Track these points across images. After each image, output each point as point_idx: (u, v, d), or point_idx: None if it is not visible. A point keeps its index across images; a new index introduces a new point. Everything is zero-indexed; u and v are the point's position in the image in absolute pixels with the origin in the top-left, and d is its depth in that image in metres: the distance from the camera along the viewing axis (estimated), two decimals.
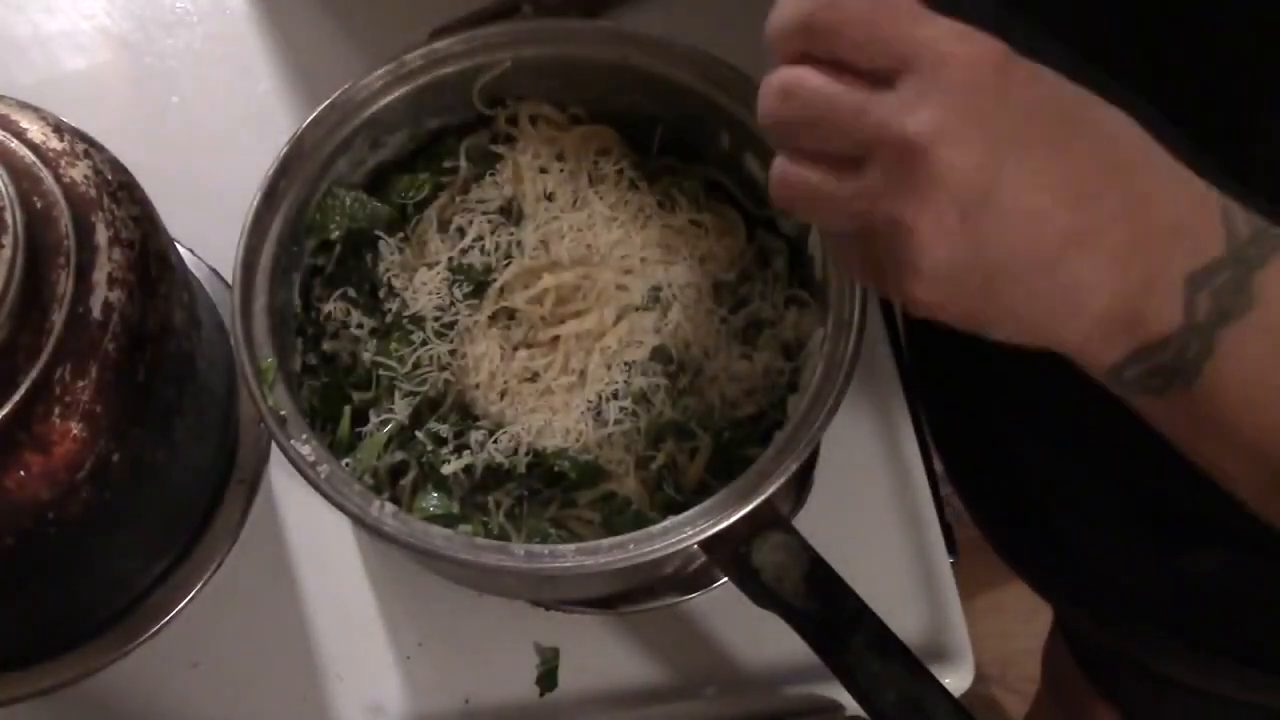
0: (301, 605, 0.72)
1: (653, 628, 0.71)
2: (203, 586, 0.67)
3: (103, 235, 0.55)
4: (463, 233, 0.67)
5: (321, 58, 0.84)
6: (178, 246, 0.64)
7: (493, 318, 0.65)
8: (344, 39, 0.85)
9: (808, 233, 0.65)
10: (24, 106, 0.59)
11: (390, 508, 0.57)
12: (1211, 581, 0.68)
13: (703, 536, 0.56)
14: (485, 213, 0.67)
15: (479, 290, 0.65)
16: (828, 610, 0.59)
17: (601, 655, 0.71)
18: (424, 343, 0.64)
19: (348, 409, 0.64)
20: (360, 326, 0.66)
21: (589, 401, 0.62)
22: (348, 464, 0.61)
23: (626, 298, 0.64)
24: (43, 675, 0.65)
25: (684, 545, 0.56)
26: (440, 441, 0.62)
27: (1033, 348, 0.44)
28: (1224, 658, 0.72)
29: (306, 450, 0.58)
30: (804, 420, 0.59)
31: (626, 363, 0.63)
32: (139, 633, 0.66)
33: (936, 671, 0.59)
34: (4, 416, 0.51)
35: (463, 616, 0.71)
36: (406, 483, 0.63)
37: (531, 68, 0.68)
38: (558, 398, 0.62)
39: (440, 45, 0.67)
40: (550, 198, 0.67)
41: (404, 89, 0.66)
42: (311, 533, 0.73)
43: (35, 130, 0.58)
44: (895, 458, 0.75)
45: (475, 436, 0.62)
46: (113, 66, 0.85)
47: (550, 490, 0.63)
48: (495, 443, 0.62)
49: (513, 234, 0.66)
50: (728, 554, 0.58)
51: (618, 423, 0.62)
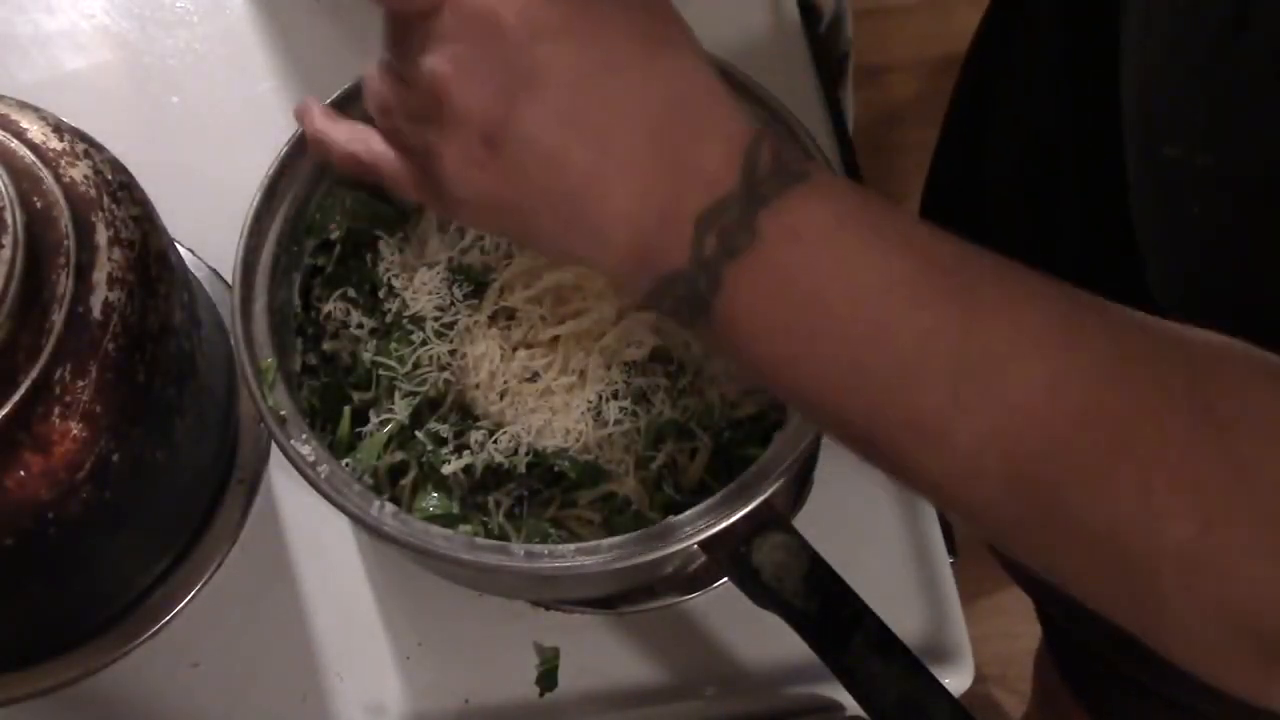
0: (301, 605, 0.72)
1: (653, 628, 0.71)
2: (203, 586, 0.67)
3: (103, 235, 0.55)
4: (463, 233, 0.67)
5: (321, 58, 0.84)
6: (178, 246, 0.64)
7: (492, 318, 0.65)
8: (344, 39, 0.85)
9: None
10: (24, 106, 0.59)
11: (390, 508, 0.57)
12: None
13: (703, 536, 0.56)
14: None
15: (479, 290, 0.65)
16: (828, 610, 0.59)
17: (601, 655, 0.71)
18: (424, 343, 0.64)
19: (348, 409, 0.64)
20: (360, 326, 0.66)
21: (589, 401, 0.62)
22: (348, 464, 0.61)
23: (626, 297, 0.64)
24: (43, 675, 0.65)
25: (684, 545, 0.56)
26: (440, 441, 0.62)
27: None
28: None
29: (306, 450, 0.58)
30: (804, 420, 0.59)
31: (626, 362, 0.63)
32: (139, 633, 0.66)
33: (936, 671, 0.59)
34: (4, 416, 0.51)
35: (463, 616, 0.71)
36: (406, 483, 0.63)
37: None
38: (558, 398, 0.62)
39: None
40: None
41: None
42: (311, 533, 0.73)
43: (35, 130, 0.58)
44: None
45: (475, 436, 0.62)
46: (113, 66, 0.85)
47: (550, 490, 0.63)
48: (495, 443, 0.62)
49: None
50: (728, 554, 0.58)
51: (618, 423, 0.62)
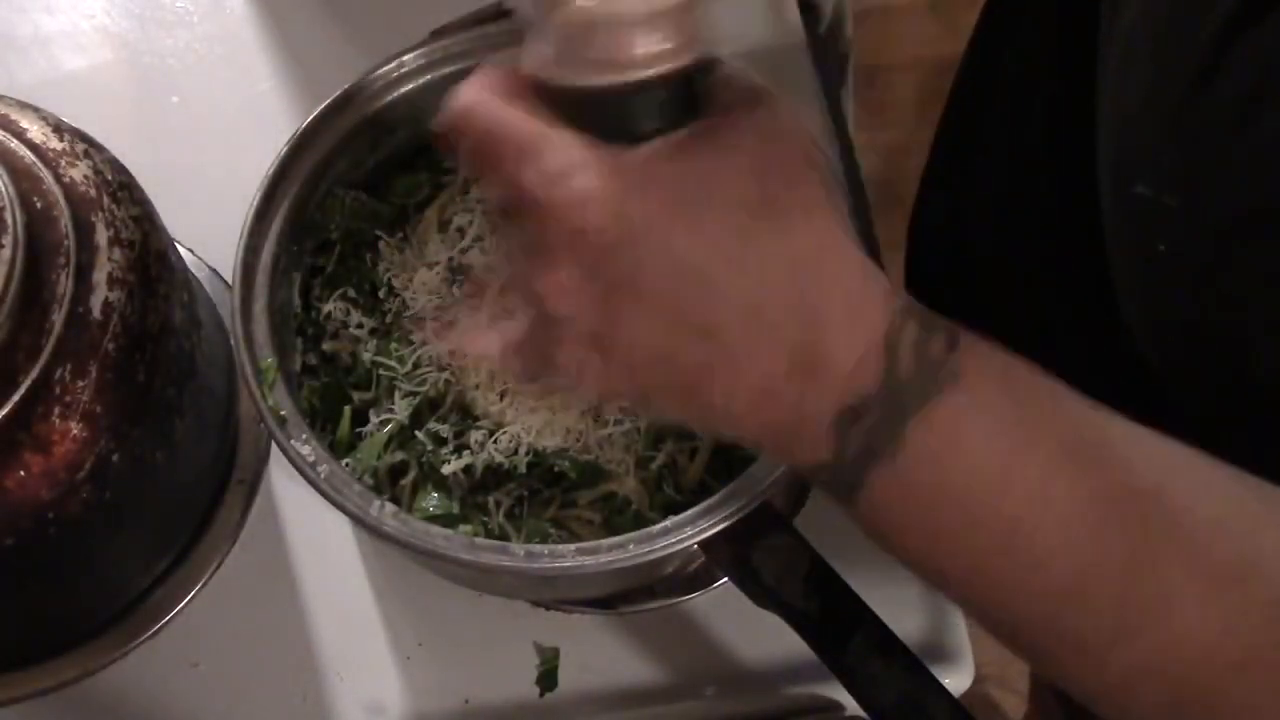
0: (301, 605, 0.72)
1: (653, 628, 0.71)
2: (203, 586, 0.67)
3: (103, 235, 0.55)
4: (463, 232, 0.67)
5: (321, 58, 0.84)
6: (178, 246, 0.64)
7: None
8: (344, 39, 0.85)
9: None
10: (24, 106, 0.59)
11: (390, 508, 0.57)
12: None
13: (703, 536, 0.56)
14: (485, 212, 0.67)
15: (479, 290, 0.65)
16: (828, 610, 0.59)
17: (601, 655, 0.71)
18: (424, 342, 0.64)
19: (348, 409, 0.64)
20: (360, 326, 0.66)
21: (589, 401, 0.62)
22: (348, 464, 0.61)
23: None
24: (43, 675, 0.65)
25: (684, 545, 0.56)
26: (440, 441, 0.62)
27: None
28: None
29: (306, 450, 0.58)
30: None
31: None
32: (139, 633, 0.66)
33: (936, 671, 0.59)
34: (4, 416, 0.51)
35: (463, 616, 0.71)
36: (406, 483, 0.63)
37: None
38: (557, 397, 0.62)
39: (440, 45, 0.67)
40: None
41: (404, 89, 0.66)
42: (311, 533, 0.73)
43: (35, 130, 0.58)
44: None
45: (475, 436, 0.62)
46: (113, 66, 0.85)
47: (550, 490, 0.63)
48: (495, 443, 0.62)
49: None
50: (728, 554, 0.58)
51: (617, 423, 0.62)
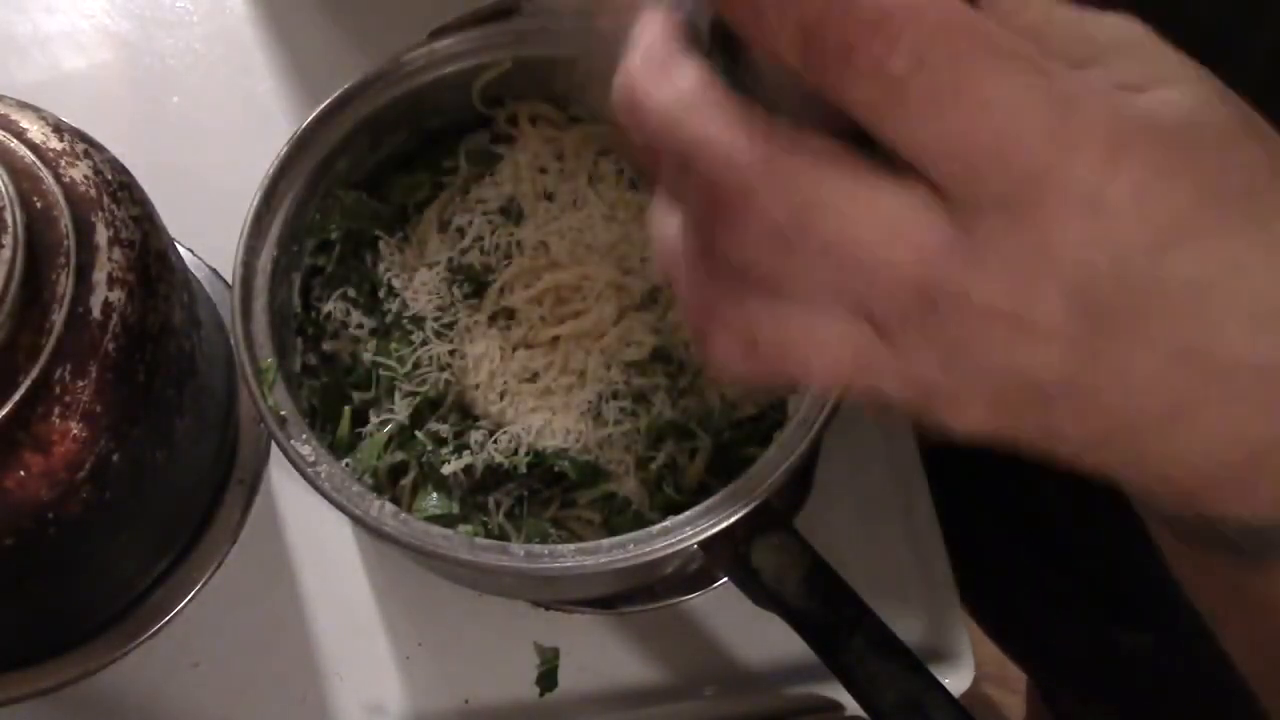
0: (301, 605, 0.72)
1: (653, 628, 0.71)
2: (203, 586, 0.67)
3: (103, 235, 0.55)
4: (462, 233, 0.67)
5: (321, 58, 0.84)
6: (178, 246, 0.64)
7: (492, 318, 0.65)
8: (344, 39, 0.85)
9: None
10: (24, 106, 0.59)
11: (390, 508, 0.57)
12: (1146, 661, 0.70)
13: (703, 536, 0.56)
14: (485, 213, 0.67)
15: (479, 290, 0.65)
16: (828, 610, 0.59)
17: (601, 655, 0.71)
18: (424, 343, 0.64)
19: (348, 409, 0.64)
20: (360, 326, 0.66)
21: (589, 401, 0.62)
22: (348, 464, 0.61)
23: (626, 297, 0.64)
24: (43, 675, 0.65)
25: (684, 545, 0.56)
26: (440, 441, 0.62)
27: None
28: None
29: (306, 450, 0.58)
30: (804, 420, 0.59)
31: (626, 363, 0.63)
32: (139, 633, 0.66)
33: (936, 671, 0.59)
34: (4, 416, 0.51)
35: (463, 616, 0.71)
36: (406, 483, 0.63)
37: (531, 68, 0.68)
38: (557, 398, 0.62)
39: (440, 45, 0.67)
40: (550, 197, 0.67)
41: (404, 89, 0.66)
42: (311, 533, 0.73)
43: (35, 130, 0.58)
44: (895, 458, 0.75)
45: (475, 436, 0.62)
46: (113, 66, 0.85)
47: (550, 490, 0.63)
48: (495, 443, 0.62)
49: (512, 234, 0.66)
50: (728, 554, 0.58)
51: (617, 423, 0.62)
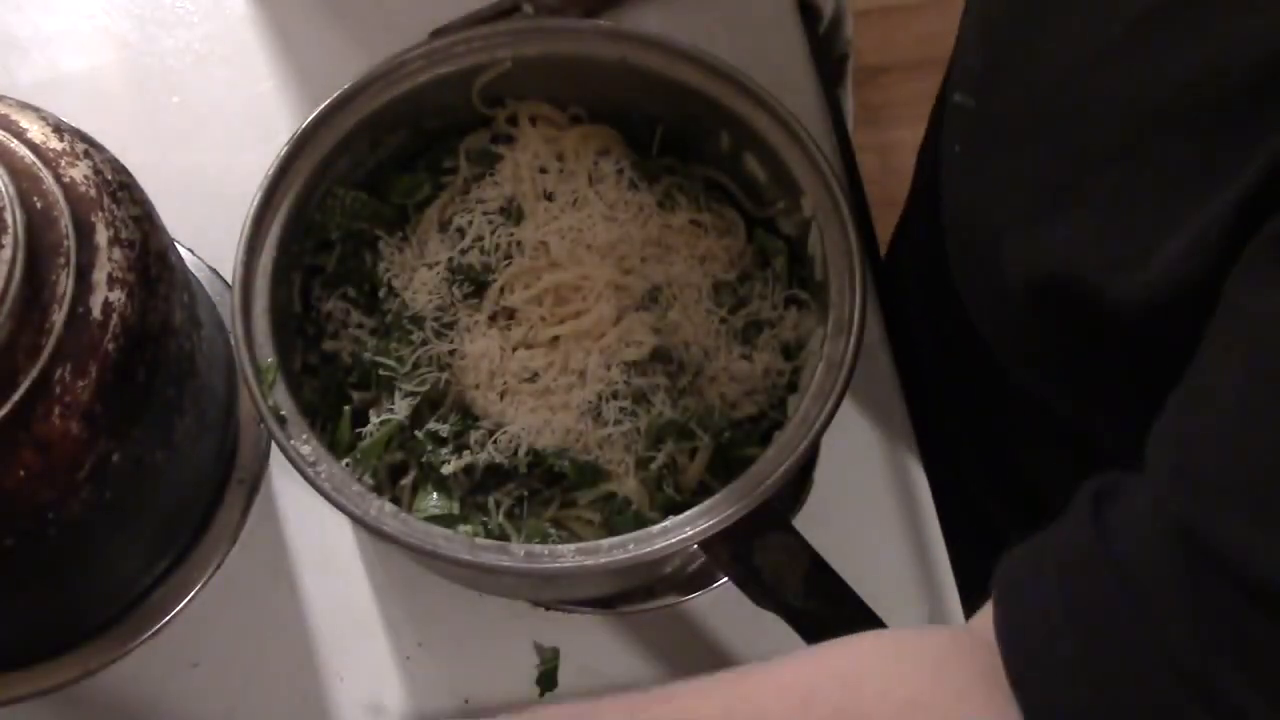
0: (301, 605, 0.72)
1: (653, 628, 0.71)
2: (203, 586, 0.67)
3: (103, 235, 0.55)
4: (463, 233, 0.67)
5: (321, 58, 0.84)
6: (178, 246, 0.64)
7: (492, 318, 0.65)
8: (344, 39, 0.85)
9: (807, 233, 0.66)
10: (24, 106, 0.59)
11: (390, 508, 0.57)
12: None
13: (703, 536, 0.56)
14: (485, 213, 0.67)
15: (479, 290, 0.65)
16: (828, 610, 0.59)
17: (601, 655, 0.71)
18: (424, 342, 0.64)
19: (348, 409, 0.64)
20: (360, 326, 0.66)
21: (589, 401, 0.62)
22: (348, 464, 0.61)
23: (626, 297, 0.64)
24: (43, 675, 0.65)
25: (684, 545, 0.56)
26: (440, 441, 0.62)
27: None
28: None
29: (306, 450, 0.58)
30: (804, 420, 0.59)
31: (626, 363, 0.63)
32: (139, 633, 0.66)
33: None
34: (4, 416, 0.51)
35: (463, 616, 0.71)
36: (406, 483, 0.63)
37: (531, 68, 0.68)
38: (557, 398, 0.62)
39: (440, 45, 0.67)
40: (550, 197, 0.67)
41: (404, 89, 0.66)
42: (311, 533, 0.73)
43: (35, 130, 0.58)
44: (895, 458, 0.75)
45: (475, 436, 0.62)
46: (113, 66, 0.85)
47: (550, 490, 0.63)
48: (495, 443, 0.62)
49: (512, 234, 0.66)
50: (728, 554, 0.58)
51: (617, 423, 0.62)
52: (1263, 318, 0.41)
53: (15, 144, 0.56)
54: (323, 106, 0.65)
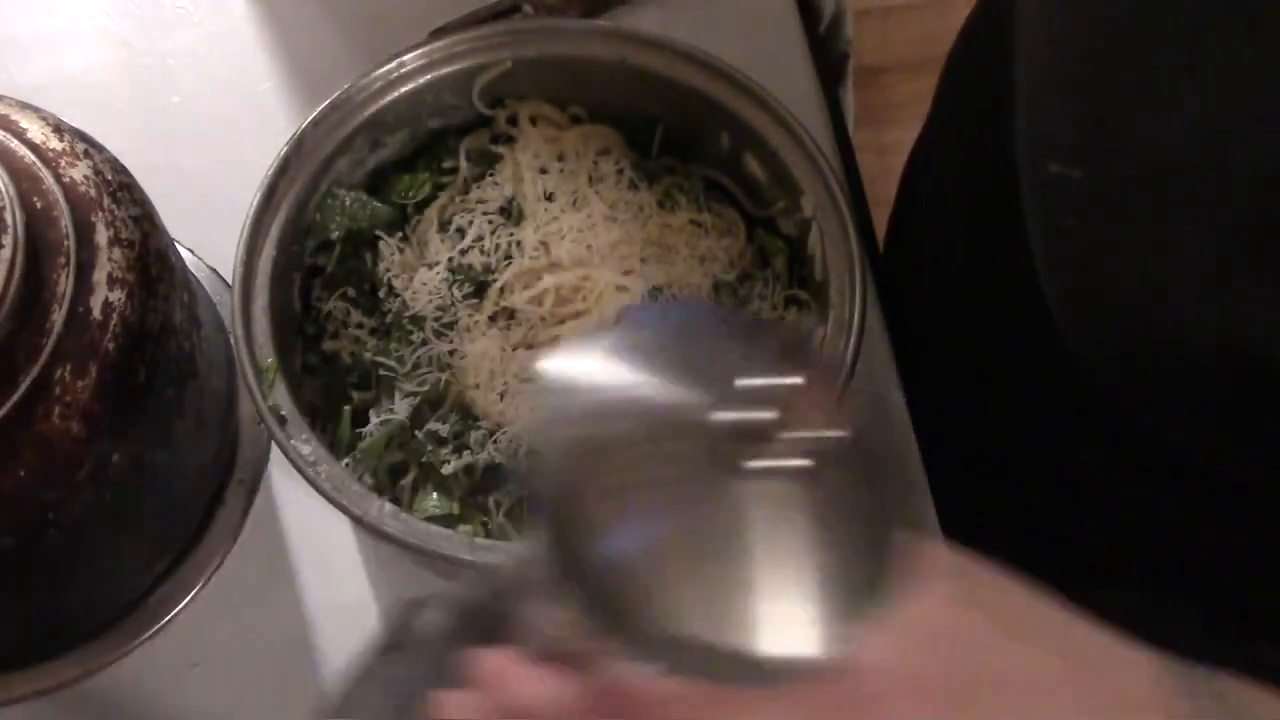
0: (301, 605, 0.72)
1: None
2: (203, 586, 0.67)
3: (103, 235, 0.55)
4: (463, 233, 0.67)
5: (321, 58, 0.84)
6: (178, 246, 0.64)
7: (492, 318, 0.65)
8: (344, 39, 0.85)
9: (808, 233, 0.66)
10: (24, 106, 0.59)
11: (390, 508, 0.57)
12: (1125, 622, 0.70)
13: None
14: (485, 213, 0.67)
15: (479, 290, 0.65)
16: None
17: None
18: (424, 342, 0.64)
19: (348, 409, 0.64)
20: (360, 326, 0.66)
21: None
22: (348, 464, 0.61)
23: (626, 298, 0.64)
24: (43, 675, 0.65)
25: None
26: (440, 441, 0.62)
27: None
28: None
29: (306, 450, 0.58)
30: None
31: None
32: (139, 633, 0.66)
33: None
34: (4, 416, 0.51)
35: None
36: (406, 483, 0.63)
37: (531, 68, 0.68)
38: None
39: (440, 45, 0.67)
40: (550, 198, 0.67)
41: (404, 89, 0.66)
42: (311, 533, 0.73)
43: (35, 130, 0.58)
44: (895, 457, 0.75)
45: (475, 436, 0.62)
46: (113, 66, 0.85)
47: None
48: (495, 443, 0.62)
49: (513, 234, 0.66)
50: None
51: None
52: None
53: (15, 144, 0.56)
54: (323, 106, 0.65)
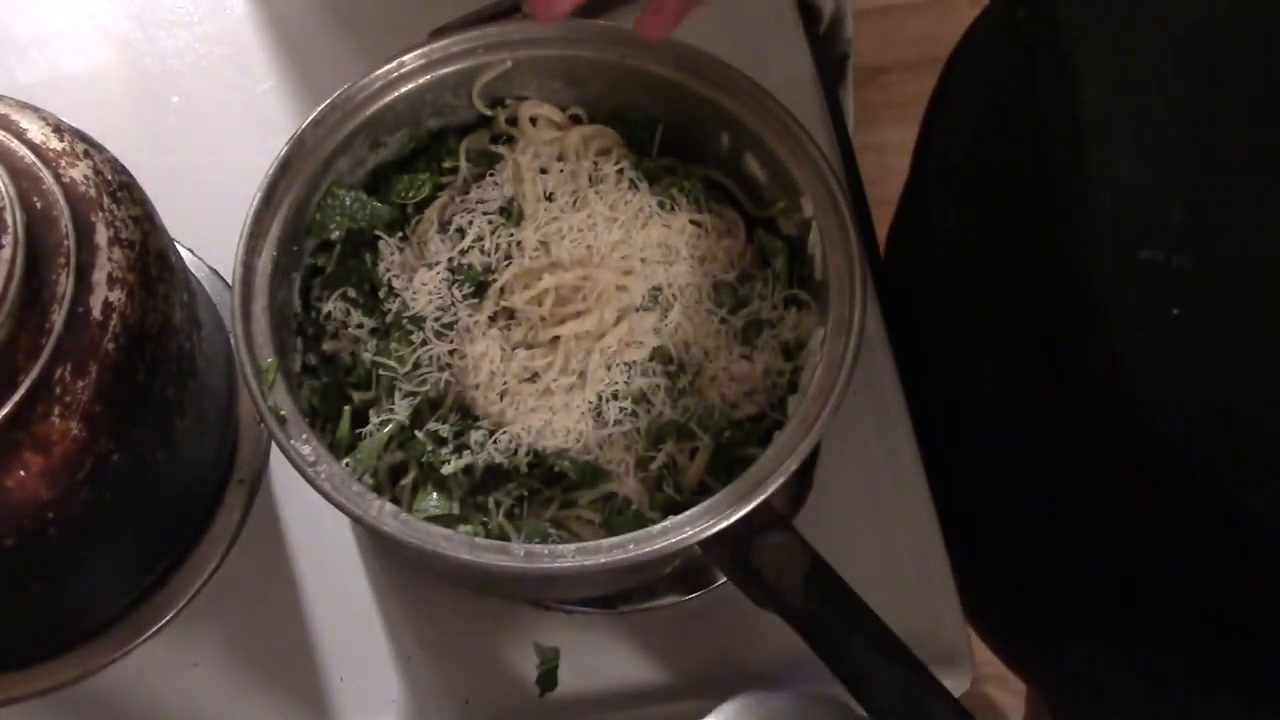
0: (301, 605, 0.72)
1: (653, 628, 0.71)
2: (203, 586, 0.67)
3: (103, 235, 0.55)
4: (463, 233, 0.67)
5: (321, 58, 0.84)
6: (178, 246, 0.64)
7: (493, 318, 0.65)
8: (344, 39, 0.85)
9: (808, 233, 0.66)
10: (24, 106, 0.59)
11: (390, 508, 0.57)
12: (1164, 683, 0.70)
13: (703, 536, 0.56)
14: (485, 213, 0.67)
15: (479, 290, 0.65)
16: (828, 610, 0.59)
17: (601, 655, 0.71)
18: (424, 343, 0.64)
19: (348, 409, 0.64)
20: (360, 326, 0.66)
21: (589, 402, 0.62)
22: (348, 464, 0.61)
23: (626, 298, 0.64)
24: (43, 675, 0.65)
25: (684, 545, 0.56)
26: (440, 441, 0.62)
27: None
28: None
29: (306, 450, 0.58)
30: (804, 420, 0.59)
31: (626, 363, 0.63)
32: (139, 633, 0.66)
33: (936, 672, 0.59)
34: (4, 416, 0.51)
35: (463, 616, 0.71)
36: (406, 483, 0.63)
37: (531, 68, 0.68)
38: (558, 398, 0.62)
39: (440, 45, 0.67)
40: (550, 198, 0.67)
41: (404, 89, 0.67)
42: (311, 533, 0.73)
43: (35, 130, 0.58)
44: (895, 458, 0.75)
45: (475, 436, 0.62)
46: (113, 66, 0.85)
47: (550, 490, 0.63)
48: (495, 443, 0.62)
49: (513, 234, 0.66)
50: (728, 554, 0.58)
51: (618, 423, 0.62)
52: None
53: (15, 144, 0.56)
54: (323, 106, 0.65)
